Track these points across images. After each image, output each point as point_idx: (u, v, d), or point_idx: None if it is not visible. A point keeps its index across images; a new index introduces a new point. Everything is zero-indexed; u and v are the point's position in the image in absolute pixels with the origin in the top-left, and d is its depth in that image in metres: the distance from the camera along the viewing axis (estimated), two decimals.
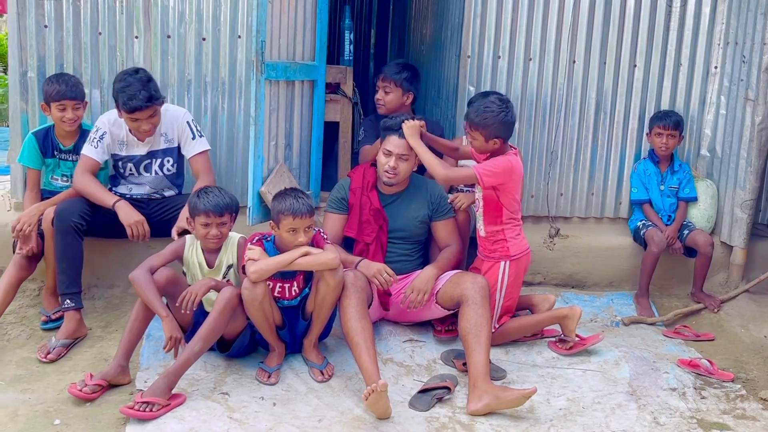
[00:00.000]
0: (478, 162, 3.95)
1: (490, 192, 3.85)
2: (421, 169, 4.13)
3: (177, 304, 3.52)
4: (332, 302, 3.68)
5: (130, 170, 4.23)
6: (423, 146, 3.94)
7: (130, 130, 4.13)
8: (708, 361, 4.00)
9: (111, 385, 3.50)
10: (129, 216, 3.97)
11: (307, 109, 4.70)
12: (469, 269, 4.17)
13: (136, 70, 4.00)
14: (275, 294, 3.70)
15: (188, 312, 3.53)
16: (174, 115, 4.21)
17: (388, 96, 4.62)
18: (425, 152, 3.92)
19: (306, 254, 3.56)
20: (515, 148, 3.95)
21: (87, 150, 4.11)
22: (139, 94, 3.88)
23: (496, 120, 3.77)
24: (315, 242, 3.66)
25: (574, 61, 4.96)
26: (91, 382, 3.42)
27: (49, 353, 3.76)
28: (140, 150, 4.20)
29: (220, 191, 3.70)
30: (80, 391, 3.37)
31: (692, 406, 3.61)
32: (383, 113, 4.58)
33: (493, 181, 3.80)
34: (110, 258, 4.35)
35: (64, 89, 4.10)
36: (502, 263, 3.95)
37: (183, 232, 3.85)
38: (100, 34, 4.52)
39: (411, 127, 3.94)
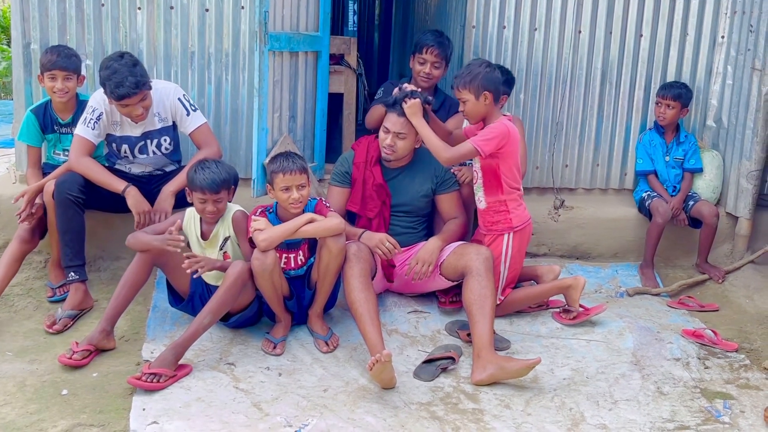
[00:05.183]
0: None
1: (489, 161, 3.84)
2: None
3: (184, 266, 3.52)
4: (335, 270, 3.69)
5: (125, 152, 4.13)
6: (426, 127, 3.87)
7: None
8: (712, 331, 4.01)
9: (99, 350, 3.56)
10: (139, 204, 3.91)
11: (311, 80, 4.67)
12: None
13: (121, 55, 3.89)
14: (281, 265, 3.71)
15: (189, 271, 3.53)
16: (164, 93, 4.09)
17: (437, 71, 4.50)
18: (428, 133, 3.85)
19: (311, 221, 3.59)
20: (508, 115, 3.94)
21: (83, 131, 3.99)
22: (126, 81, 3.77)
23: (480, 71, 3.77)
24: (318, 211, 3.68)
25: (580, 31, 4.91)
26: (79, 348, 3.47)
27: (55, 323, 3.79)
28: (135, 131, 4.09)
29: (218, 166, 3.66)
30: (70, 359, 3.43)
31: (696, 376, 3.62)
32: (426, 87, 4.48)
33: (492, 146, 3.77)
34: (115, 230, 4.35)
35: (55, 59, 4.05)
36: (506, 235, 3.94)
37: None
38: (102, 5, 4.48)
39: (412, 106, 3.86)
